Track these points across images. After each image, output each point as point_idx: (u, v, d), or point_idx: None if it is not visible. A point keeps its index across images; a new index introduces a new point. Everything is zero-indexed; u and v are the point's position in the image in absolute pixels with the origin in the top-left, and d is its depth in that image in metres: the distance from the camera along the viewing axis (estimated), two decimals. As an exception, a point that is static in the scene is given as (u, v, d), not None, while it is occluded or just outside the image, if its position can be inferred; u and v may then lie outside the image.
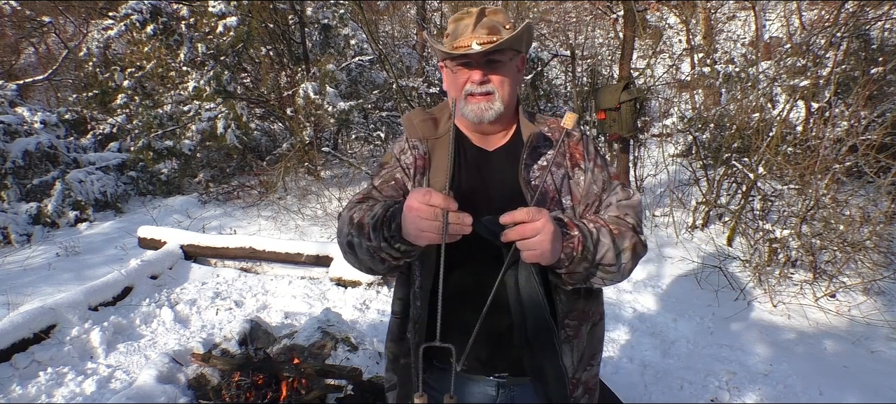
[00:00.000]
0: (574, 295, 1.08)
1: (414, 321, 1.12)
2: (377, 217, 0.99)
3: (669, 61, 7.83)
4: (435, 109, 1.21)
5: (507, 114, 1.12)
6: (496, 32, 1.05)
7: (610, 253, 0.98)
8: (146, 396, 2.30)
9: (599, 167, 1.12)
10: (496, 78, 1.07)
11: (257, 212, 6.43)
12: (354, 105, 6.79)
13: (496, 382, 1.13)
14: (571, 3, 10.56)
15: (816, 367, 2.79)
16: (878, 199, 3.68)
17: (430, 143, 1.14)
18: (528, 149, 1.08)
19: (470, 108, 1.08)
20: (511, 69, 1.09)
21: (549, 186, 1.08)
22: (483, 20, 1.06)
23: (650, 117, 8.01)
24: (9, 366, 2.88)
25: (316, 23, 7.52)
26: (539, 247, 0.87)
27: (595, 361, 1.18)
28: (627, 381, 2.73)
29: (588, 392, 1.17)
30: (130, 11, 6.55)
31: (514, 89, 1.12)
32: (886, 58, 4.68)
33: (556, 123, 1.17)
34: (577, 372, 1.12)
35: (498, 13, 1.09)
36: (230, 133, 6.70)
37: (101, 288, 3.59)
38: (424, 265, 1.08)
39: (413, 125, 1.15)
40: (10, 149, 6.38)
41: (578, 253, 0.93)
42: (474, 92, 1.06)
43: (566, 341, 1.08)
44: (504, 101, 1.08)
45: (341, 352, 2.82)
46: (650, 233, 4.86)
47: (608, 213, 1.07)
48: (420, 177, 1.12)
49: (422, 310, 1.10)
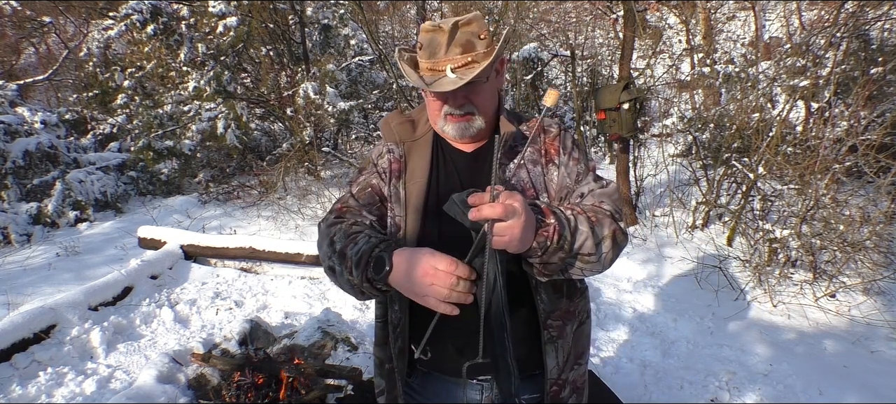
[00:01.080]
0: (556, 294, 1.07)
1: (393, 325, 1.12)
2: (361, 254, 0.96)
3: (669, 61, 7.83)
4: (414, 112, 1.19)
5: (487, 127, 1.10)
6: (471, 48, 1.00)
7: (589, 241, 0.92)
8: (146, 396, 2.30)
9: (575, 160, 1.10)
10: (477, 99, 1.04)
11: (257, 212, 6.43)
12: (354, 105, 6.79)
13: (480, 386, 1.11)
14: (571, 3, 10.56)
15: (816, 367, 2.79)
16: (878, 199, 3.68)
17: (407, 146, 1.13)
18: (503, 148, 1.06)
19: (450, 127, 1.06)
20: (490, 84, 1.06)
21: (525, 184, 1.07)
22: (456, 37, 0.99)
23: (650, 117, 8.01)
24: (9, 366, 2.88)
25: (316, 23, 7.53)
26: (509, 231, 0.81)
27: (582, 360, 1.17)
28: (627, 381, 2.72)
29: (575, 391, 1.15)
30: (130, 11, 6.56)
31: (495, 96, 1.10)
32: (886, 58, 4.68)
33: (533, 121, 1.15)
34: (564, 373, 1.10)
35: (472, 23, 1.01)
36: (230, 133, 6.71)
37: (101, 288, 3.59)
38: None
39: (390, 128, 1.14)
40: (11, 149, 6.38)
41: (554, 242, 0.87)
42: (454, 113, 1.04)
43: (550, 342, 1.07)
44: (486, 116, 1.07)
45: (341, 352, 2.82)
46: (650, 233, 4.86)
47: (584, 203, 1.03)
48: (396, 180, 1.11)
49: (401, 314, 1.09)
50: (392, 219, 1.09)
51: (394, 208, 1.10)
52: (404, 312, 1.09)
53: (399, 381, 1.15)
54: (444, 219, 1.07)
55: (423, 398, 1.18)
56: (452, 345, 1.10)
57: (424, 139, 1.13)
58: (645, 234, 4.85)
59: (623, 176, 5.18)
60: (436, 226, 1.07)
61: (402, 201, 1.09)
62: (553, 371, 1.08)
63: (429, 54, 1.01)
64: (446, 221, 1.06)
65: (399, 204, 1.09)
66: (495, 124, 1.13)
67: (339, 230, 1.04)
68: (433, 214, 1.08)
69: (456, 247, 1.06)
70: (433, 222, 1.07)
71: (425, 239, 1.06)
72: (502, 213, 0.79)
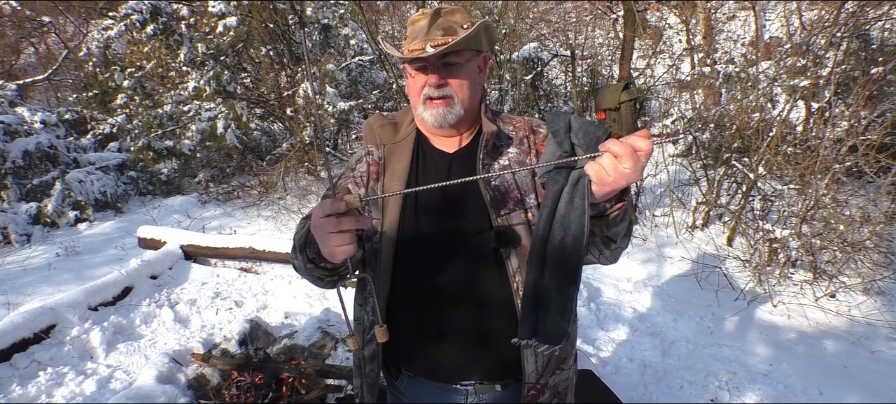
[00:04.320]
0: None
1: (365, 328, 1.12)
2: (300, 237, 0.98)
3: (669, 61, 7.83)
4: (397, 114, 1.19)
5: (469, 117, 1.09)
6: (452, 33, 1.02)
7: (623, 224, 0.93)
8: (146, 396, 2.30)
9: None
10: (455, 81, 1.04)
11: (257, 212, 6.43)
12: (354, 105, 6.79)
13: (465, 390, 1.10)
14: (571, 3, 10.57)
15: (816, 367, 2.79)
16: (878, 199, 3.67)
17: (387, 148, 1.13)
18: (486, 149, 1.05)
19: (429, 113, 1.05)
20: (470, 70, 1.06)
21: (510, 185, 1.06)
22: (438, 21, 1.03)
23: (650, 117, 8.01)
24: (9, 366, 2.88)
25: (316, 23, 7.52)
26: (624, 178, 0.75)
27: (566, 365, 1.14)
28: (627, 381, 2.72)
29: (557, 395, 1.13)
30: (130, 11, 6.55)
31: (476, 90, 1.09)
32: (886, 58, 4.67)
33: (521, 122, 1.14)
34: (543, 377, 1.08)
35: (455, 13, 1.05)
36: (230, 133, 6.71)
37: (101, 288, 3.59)
38: (375, 269, 1.07)
39: (372, 131, 1.14)
40: (10, 149, 6.38)
41: (629, 211, 0.88)
42: (433, 96, 1.04)
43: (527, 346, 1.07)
44: (464, 104, 1.06)
45: (341, 352, 2.82)
46: (650, 233, 4.86)
47: None
48: (374, 182, 1.10)
49: (373, 316, 1.09)
50: (370, 222, 1.09)
51: (371, 210, 1.09)
52: (377, 315, 1.08)
53: (365, 384, 1.14)
54: (422, 218, 1.06)
55: (408, 400, 1.18)
56: (440, 351, 1.09)
57: (406, 141, 1.13)
58: (645, 234, 4.85)
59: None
60: (414, 226, 1.06)
61: (379, 202, 1.08)
62: (531, 375, 1.06)
63: (412, 38, 1.05)
64: (425, 221, 1.05)
65: (377, 206, 1.08)
66: (476, 122, 1.13)
67: (300, 229, 1.05)
68: (412, 214, 1.07)
69: (436, 246, 1.06)
70: (411, 222, 1.06)
71: (404, 239, 1.06)
72: (629, 153, 0.74)
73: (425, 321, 1.09)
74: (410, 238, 1.05)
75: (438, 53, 1.00)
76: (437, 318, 1.07)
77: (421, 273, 1.06)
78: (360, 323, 1.14)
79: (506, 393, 1.11)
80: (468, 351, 1.07)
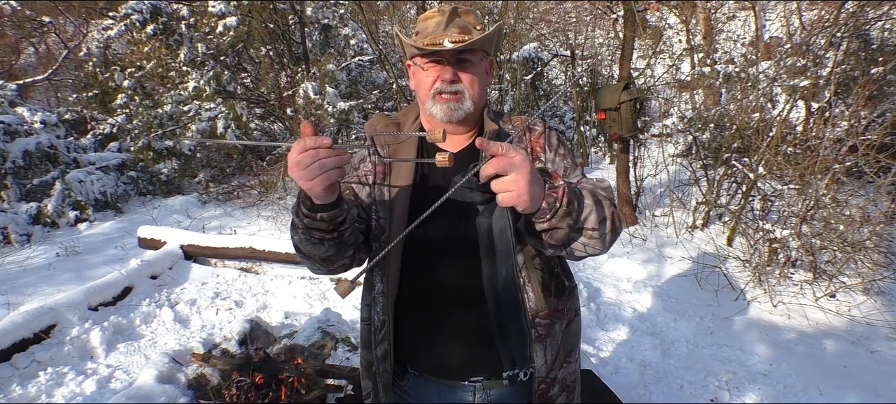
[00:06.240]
0: (544, 292, 1.06)
1: (376, 328, 1.11)
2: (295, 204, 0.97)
3: (669, 61, 7.83)
4: (399, 114, 1.20)
5: (474, 116, 1.11)
6: (467, 32, 1.04)
7: (593, 215, 0.90)
8: (146, 396, 2.30)
9: (561, 156, 1.11)
10: (466, 77, 1.05)
11: (257, 212, 6.43)
12: (354, 105, 6.79)
13: (472, 387, 1.11)
14: (571, 3, 10.57)
15: (816, 367, 2.79)
16: (878, 199, 3.67)
17: (391, 149, 1.13)
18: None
19: (438, 107, 1.06)
20: (480, 70, 1.08)
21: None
22: (455, 20, 1.05)
23: (650, 117, 8.01)
24: (9, 366, 2.88)
25: (316, 23, 7.53)
26: (515, 185, 0.78)
27: (572, 357, 1.15)
28: (627, 381, 2.72)
29: (565, 389, 1.14)
30: (130, 11, 6.56)
31: (483, 90, 1.11)
32: (886, 58, 4.67)
33: (519, 121, 1.16)
34: (552, 371, 1.09)
35: (469, 14, 1.08)
36: (230, 133, 6.71)
37: (101, 288, 3.59)
38: (384, 269, 1.08)
39: (375, 131, 1.15)
40: (10, 149, 6.38)
41: (563, 205, 0.84)
42: (444, 90, 1.04)
43: (538, 340, 1.06)
44: (474, 100, 1.07)
45: (341, 352, 2.82)
46: (650, 233, 4.86)
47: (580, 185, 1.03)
48: (380, 183, 1.11)
49: (384, 316, 1.09)
50: (376, 222, 1.09)
51: (378, 210, 1.09)
52: (388, 314, 1.08)
53: (380, 384, 1.14)
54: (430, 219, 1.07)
55: (414, 399, 1.17)
56: (446, 348, 1.09)
57: (409, 142, 1.13)
58: (645, 234, 4.85)
59: (623, 176, 5.19)
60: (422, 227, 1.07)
61: (386, 203, 1.08)
62: (542, 369, 1.07)
63: (425, 34, 1.05)
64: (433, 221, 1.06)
65: (383, 206, 1.09)
66: (478, 122, 1.14)
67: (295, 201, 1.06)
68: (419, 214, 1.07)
69: (444, 247, 1.06)
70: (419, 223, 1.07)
71: (411, 240, 1.04)
72: (506, 165, 0.77)
73: (433, 320, 1.09)
74: (418, 238, 1.05)
75: (458, 48, 1.01)
76: (445, 316, 1.08)
77: (429, 272, 1.07)
78: (369, 324, 1.14)
79: (513, 388, 1.11)
80: (476, 348, 1.08)
